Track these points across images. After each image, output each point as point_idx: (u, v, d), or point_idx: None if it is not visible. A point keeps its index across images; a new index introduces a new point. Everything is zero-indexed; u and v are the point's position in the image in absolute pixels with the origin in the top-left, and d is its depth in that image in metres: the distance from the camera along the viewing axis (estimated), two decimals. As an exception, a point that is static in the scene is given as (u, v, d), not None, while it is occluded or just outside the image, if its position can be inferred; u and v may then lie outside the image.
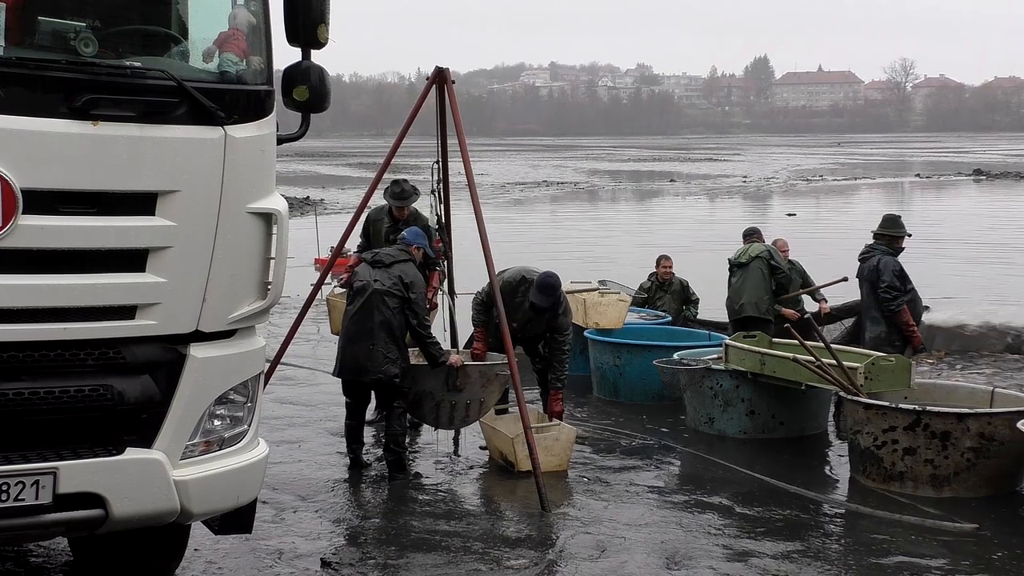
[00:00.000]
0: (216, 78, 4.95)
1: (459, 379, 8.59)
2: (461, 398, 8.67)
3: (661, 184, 57.59)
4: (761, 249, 11.83)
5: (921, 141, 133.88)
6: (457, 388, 8.61)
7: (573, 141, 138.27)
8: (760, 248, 11.87)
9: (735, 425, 9.93)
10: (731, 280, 11.95)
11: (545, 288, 9.14)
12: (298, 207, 35.71)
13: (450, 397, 8.63)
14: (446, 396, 8.63)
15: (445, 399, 8.64)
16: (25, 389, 4.51)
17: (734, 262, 11.96)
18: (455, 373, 8.58)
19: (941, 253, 24.91)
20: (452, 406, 8.68)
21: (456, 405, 8.68)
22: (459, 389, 8.62)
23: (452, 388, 8.60)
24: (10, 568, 6.25)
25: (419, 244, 8.88)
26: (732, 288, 11.88)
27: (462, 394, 8.66)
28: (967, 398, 8.98)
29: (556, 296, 9.21)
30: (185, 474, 4.86)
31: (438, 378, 8.58)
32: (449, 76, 8.98)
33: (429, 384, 8.61)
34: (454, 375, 8.58)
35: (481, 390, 8.74)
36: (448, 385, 8.58)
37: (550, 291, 9.16)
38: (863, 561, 6.81)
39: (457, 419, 8.85)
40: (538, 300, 9.09)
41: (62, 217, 4.48)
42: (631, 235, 30.80)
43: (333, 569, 6.37)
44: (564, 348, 9.31)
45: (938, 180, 59.83)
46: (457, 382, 8.59)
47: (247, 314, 5.01)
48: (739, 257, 11.90)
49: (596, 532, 7.22)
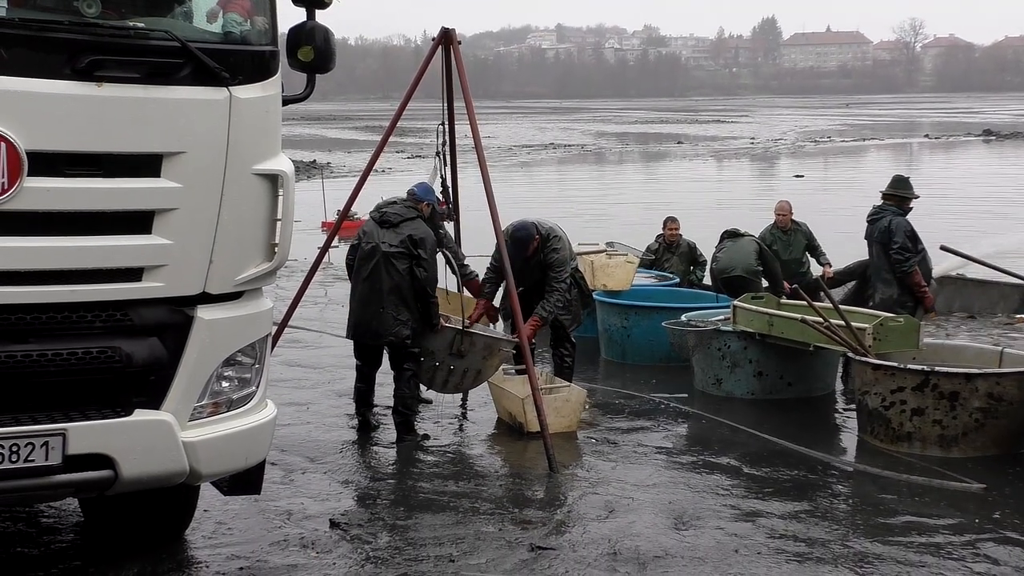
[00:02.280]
0: (220, 39, 4.91)
1: (464, 344, 8.58)
2: (460, 364, 8.64)
3: (668, 146, 57.44)
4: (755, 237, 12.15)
5: (930, 102, 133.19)
6: (460, 353, 8.59)
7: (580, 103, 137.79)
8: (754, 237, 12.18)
9: (743, 386, 9.93)
10: (718, 248, 12.12)
11: (517, 242, 9.13)
12: (304, 171, 35.65)
13: (451, 361, 8.61)
14: (447, 359, 8.60)
15: (445, 362, 8.61)
16: (33, 351, 4.52)
17: (728, 232, 12.07)
18: (460, 338, 8.57)
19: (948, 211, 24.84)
20: (450, 370, 8.65)
21: (454, 370, 8.66)
22: (461, 355, 8.60)
23: (454, 353, 8.58)
24: (22, 528, 6.29)
25: (428, 200, 8.81)
26: (721, 253, 12.02)
27: (462, 360, 8.63)
28: (975, 358, 8.97)
29: (529, 246, 9.18)
30: (193, 435, 4.87)
31: (444, 339, 8.57)
32: (455, 37, 8.91)
33: (434, 344, 8.59)
34: (459, 340, 8.57)
35: (482, 361, 8.71)
36: (451, 348, 8.57)
37: (522, 244, 9.16)
38: (871, 521, 6.82)
39: (451, 384, 8.82)
40: (514, 254, 9.01)
41: (68, 179, 4.46)
42: (638, 197, 30.75)
43: (342, 530, 6.40)
44: (555, 284, 9.23)
45: (947, 141, 59.56)
46: (462, 347, 8.58)
47: (254, 276, 5.00)
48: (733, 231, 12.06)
49: (604, 493, 7.24)
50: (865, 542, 6.38)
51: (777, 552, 6.18)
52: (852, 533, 6.55)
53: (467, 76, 8.82)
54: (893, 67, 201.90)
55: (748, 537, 6.41)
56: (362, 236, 8.61)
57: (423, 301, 8.41)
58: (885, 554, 6.19)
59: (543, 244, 9.26)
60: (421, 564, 5.90)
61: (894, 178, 10.61)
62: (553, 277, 9.25)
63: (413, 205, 8.60)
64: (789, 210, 12.83)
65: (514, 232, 9.18)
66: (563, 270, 9.30)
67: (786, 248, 12.65)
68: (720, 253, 12.06)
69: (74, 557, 5.90)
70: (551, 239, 9.31)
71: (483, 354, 8.69)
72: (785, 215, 12.79)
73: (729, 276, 11.73)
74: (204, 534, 6.26)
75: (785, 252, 12.58)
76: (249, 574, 5.74)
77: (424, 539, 6.28)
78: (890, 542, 6.38)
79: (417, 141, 44.89)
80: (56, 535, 6.25)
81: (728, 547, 6.24)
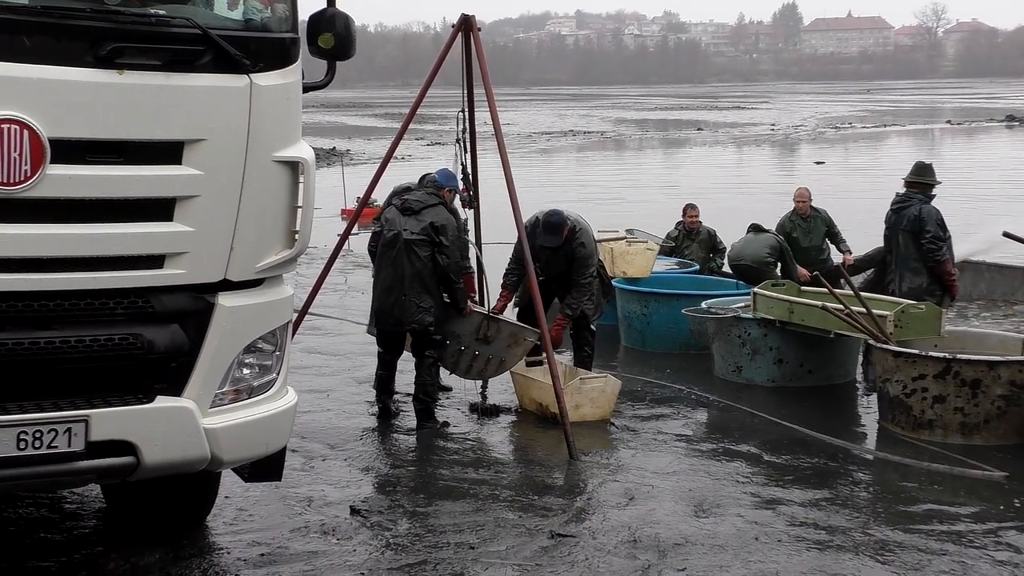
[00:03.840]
0: (241, 26, 4.92)
1: (490, 330, 8.58)
2: (485, 350, 8.66)
3: (688, 133, 57.25)
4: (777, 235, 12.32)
5: (952, 87, 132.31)
6: (486, 339, 8.61)
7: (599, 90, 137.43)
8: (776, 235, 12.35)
9: (763, 373, 9.91)
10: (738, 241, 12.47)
11: (551, 227, 9.08)
12: (324, 158, 35.68)
13: (476, 347, 8.63)
14: (472, 344, 8.63)
15: (470, 346, 8.63)
16: (56, 338, 4.54)
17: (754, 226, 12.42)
18: (487, 324, 8.57)
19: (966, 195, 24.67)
20: (474, 356, 8.67)
21: (478, 356, 8.68)
22: (487, 340, 8.62)
23: (480, 338, 8.60)
24: (45, 514, 6.33)
25: (451, 186, 8.79)
26: (738, 242, 12.39)
27: (487, 347, 8.65)
28: (998, 346, 8.92)
29: (562, 232, 9.13)
30: (215, 422, 4.89)
31: (471, 324, 8.58)
32: (475, 23, 8.89)
33: (461, 327, 8.60)
34: (486, 326, 8.57)
35: (506, 349, 8.71)
36: (478, 333, 8.58)
37: (556, 229, 9.10)
38: (891, 509, 6.80)
39: (474, 370, 8.83)
40: (546, 241, 9.02)
41: (90, 166, 4.47)
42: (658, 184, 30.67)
43: (362, 516, 6.42)
44: (582, 281, 9.20)
45: (969, 127, 59.16)
46: (488, 332, 8.58)
47: (274, 263, 5.01)
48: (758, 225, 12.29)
49: (624, 480, 7.24)
50: (886, 530, 6.36)
51: (797, 540, 6.17)
52: (873, 521, 6.53)
53: (487, 63, 8.80)
54: (915, 52, 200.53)
55: (768, 525, 6.40)
56: (384, 223, 8.62)
57: (448, 286, 8.42)
58: (906, 542, 6.17)
59: (571, 234, 9.24)
60: (441, 551, 5.92)
61: (916, 165, 10.49)
62: (581, 273, 9.22)
63: (435, 192, 8.59)
64: (808, 196, 12.77)
65: (548, 218, 9.14)
66: (590, 266, 9.28)
67: (806, 235, 12.60)
68: (736, 242, 12.35)
69: (96, 543, 5.94)
70: (577, 231, 9.29)
71: (508, 342, 8.70)
72: (804, 201, 12.73)
73: (736, 264, 12.10)
74: (225, 520, 6.28)
75: (805, 239, 12.52)
76: (270, 560, 5.77)
77: (444, 526, 6.30)
78: (911, 530, 6.37)
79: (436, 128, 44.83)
80: (79, 521, 6.29)
81: (748, 535, 6.23)
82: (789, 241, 12.26)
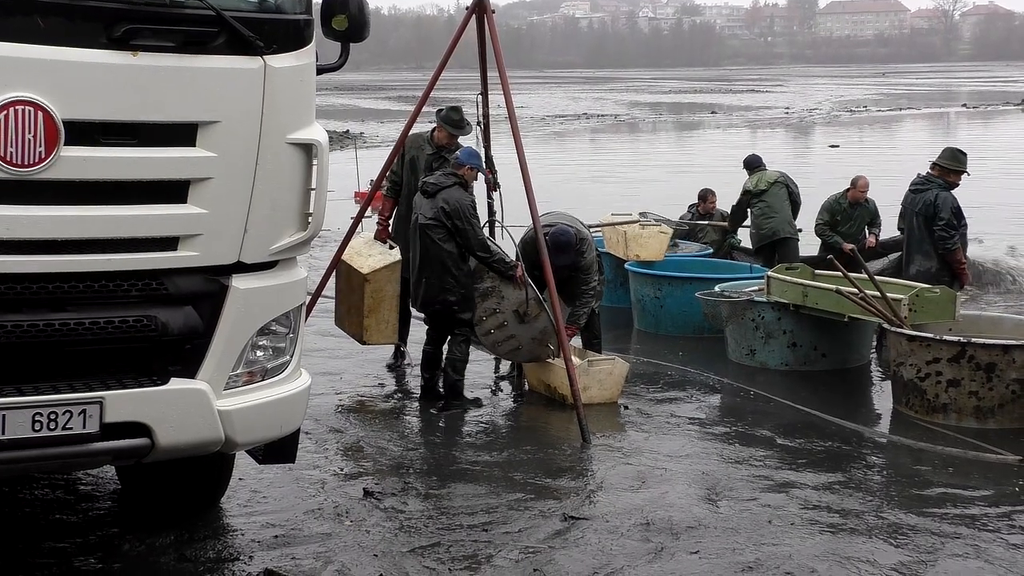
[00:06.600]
0: (254, 7, 4.90)
1: (531, 310, 8.52)
2: (513, 328, 8.60)
3: (702, 116, 57.01)
4: (776, 175, 12.49)
5: (968, 70, 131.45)
6: (521, 316, 8.55)
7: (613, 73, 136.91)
8: (775, 174, 12.53)
9: (777, 357, 9.89)
10: (752, 210, 12.52)
11: (560, 246, 8.91)
12: (338, 141, 35.65)
13: (510, 318, 8.58)
14: (511, 315, 8.59)
15: (505, 313, 8.57)
16: (71, 320, 4.55)
17: (753, 191, 12.42)
18: (531, 304, 8.51)
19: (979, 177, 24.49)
20: (502, 324, 8.60)
21: (505, 327, 8.59)
22: (522, 319, 8.56)
23: (518, 311, 8.54)
24: (61, 496, 6.37)
25: (472, 164, 8.57)
26: (757, 215, 12.43)
27: (519, 326, 8.60)
28: (1013, 330, 8.88)
29: (572, 251, 9.02)
30: (229, 404, 4.90)
31: (518, 295, 8.53)
32: (489, 5, 8.86)
33: (509, 292, 8.54)
34: (527, 304, 8.51)
35: (529, 340, 8.65)
36: (519, 311, 8.55)
37: (566, 248, 8.98)
38: (905, 492, 6.79)
39: (491, 340, 8.73)
40: (558, 261, 8.78)
41: (103, 148, 4.47)
42: (672, 167, 30.58)
43: (376, 498, 6.44)
44: (585, 288, 9.14)
45: (985, 110, 58.83)
46: (528, 311, 8.54)
47: (288, 245, 5.01)
48: (757, 185, 12.25)
49: (637, 463, 7.24)
50: (899, 513, 6.36)
51: (811, 523, 6.17)
52: (886, 504, 6.52)
53: (500, 45, 8.76)
54: (931, 35, 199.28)
55: (781, 508, 6.40)
56: (413, 206, 8.63)
57: (485, 263, 8.43)
58: (920, 525, 6.17)
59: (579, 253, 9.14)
60: (454, 533, 5.93)
61: (948, 150, 10.34)
62: (583, 280, 9.16)
63: (453, 172, 8.51)
64: (866, 188, 12.65)
65: (556, 238, 8.91)
66: (592, 274, 9.23)
67: (846, 220, 12.49)
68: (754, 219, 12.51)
69: (111, 524, 5.97)
70: (579, 242, 9.17)
71: (534, 335, 8.63)
72: (863, 192, 12.57)
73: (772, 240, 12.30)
74: (239, 502, 6.31)
75: (844, 224, 12.44)
76: (284, 542, 5.79)
77: (457, 508, 6.32)
78: (925, 513, 6.36)
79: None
80: (94, 502, 6.32)
81: (761, 518, 6.23)
82: (831, 222, 12.22)
